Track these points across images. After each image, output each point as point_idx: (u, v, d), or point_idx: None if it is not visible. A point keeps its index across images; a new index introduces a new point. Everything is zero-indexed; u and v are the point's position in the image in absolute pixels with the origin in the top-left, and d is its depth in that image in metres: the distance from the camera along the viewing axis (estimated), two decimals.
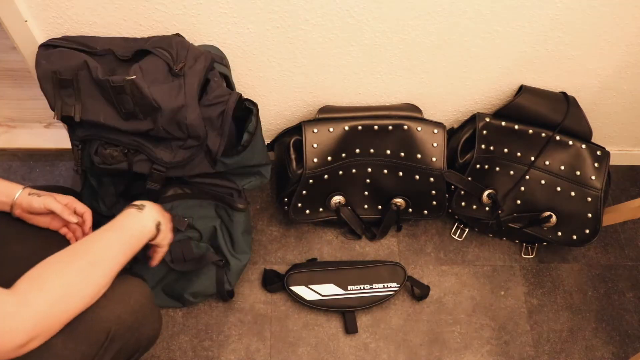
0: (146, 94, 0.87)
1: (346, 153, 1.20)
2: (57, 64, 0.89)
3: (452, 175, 1.22)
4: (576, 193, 1.24)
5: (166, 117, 0.90)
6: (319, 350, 1.21)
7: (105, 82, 0.87)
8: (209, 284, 1.16)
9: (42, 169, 1.35)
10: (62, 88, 0.89)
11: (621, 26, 1.07)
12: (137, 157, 0.96)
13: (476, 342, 1.26)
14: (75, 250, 0.74)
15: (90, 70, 0.88)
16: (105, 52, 0.92)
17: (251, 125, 1.01)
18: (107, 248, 0.76)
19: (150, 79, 0.88)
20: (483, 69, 1.16)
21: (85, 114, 0.91)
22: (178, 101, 0.90)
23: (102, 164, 0.96)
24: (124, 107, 0.90)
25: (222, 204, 1.12)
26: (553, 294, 1.34)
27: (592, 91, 1.25)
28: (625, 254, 1.42)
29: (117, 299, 0.77)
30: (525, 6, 1.00)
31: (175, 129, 0.93)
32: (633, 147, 1.51)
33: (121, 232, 0.80)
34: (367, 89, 1.20)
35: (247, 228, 1.17)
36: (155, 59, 0.90)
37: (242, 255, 1.18)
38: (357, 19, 1.00)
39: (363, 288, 1.25)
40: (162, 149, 0.96)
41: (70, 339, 0.71)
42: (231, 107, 0.95)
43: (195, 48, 0.96)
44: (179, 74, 0.90)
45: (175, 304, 1.19)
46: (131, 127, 0.92)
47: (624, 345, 1.30)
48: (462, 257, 1.36)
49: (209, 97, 0.94)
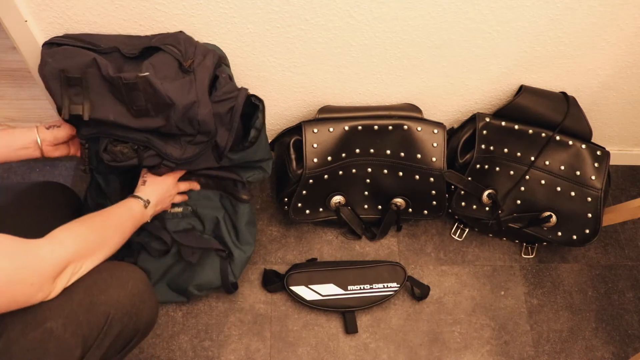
0: (160, 90, 0.86)
1: (346, 153, 1.20)
2: (64, 62, 0.87)
3: (452, 175, 1.22)
4: (576, 193, 1.24)
5: (179, 113, 0.89)
6: (319, 350, 1.21)
7: (117, 79, 0.85)
8: (213, 276, 1.16)
9: (42, 169, 1.35)
10: (70, 86, 0.88)
11: (621, 26, 1.07)
12: (147, 153, 0.95)
13: (476, 342, 1.26)
14: (95, 215, 0.88)
15: (99, 68, 0.86)
16: (111, 50, 0.91)
17: (258, 121, 1.01)
18: (118, 216, 0.91)
19: (161, 75, 0.87)
20: (483, 69, 1.16)
21: (94, 112, 0.89)
22: (190, 97, 0.89)
23: (112, 161, 0.94)
24: (135, 105, 0.88)
25: (226, 194, 1.12)
26: (553, 294, 1.34)
27: (592, 91, 1.25)
28: (625, 254, 1.42)
29: (115, 284, 0.80)
30: (525, 6, 1.00)
31: (186, 125, 0.92)
32: (633, 147, 1.51)
33: (125, 210, 0.94)
34: (367, 89, 1.20)
35: (251, 219, 1.18)
36: (165, 56, 0.89)
37: (246, 247, 1.18)
38: (357, 19, 1.00)
39: (363, 288, 1.25)
40: (172, 145, 0.95)
41: (71, 323, 0.73)
42: (240, 103, 0.94)
43: (202, 45, 0.96)
44: (189, 70, 0.90)
45: (180, 298, 1.19)
46: (142, 124, 0.91)
47: (624, 345, 1.30)
48: (462, 257, 1.36)
49: (218, 93, 0.93)
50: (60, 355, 0.71)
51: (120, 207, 0.93)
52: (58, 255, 0.73)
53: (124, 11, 0.96)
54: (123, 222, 0.91)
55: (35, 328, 0.70)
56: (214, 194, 1.13)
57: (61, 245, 0.74)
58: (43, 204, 0.99)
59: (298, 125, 1.19)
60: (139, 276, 0.84)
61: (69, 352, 0.72)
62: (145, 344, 1.17)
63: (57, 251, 0.73)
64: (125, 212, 0.93)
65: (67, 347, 0.72)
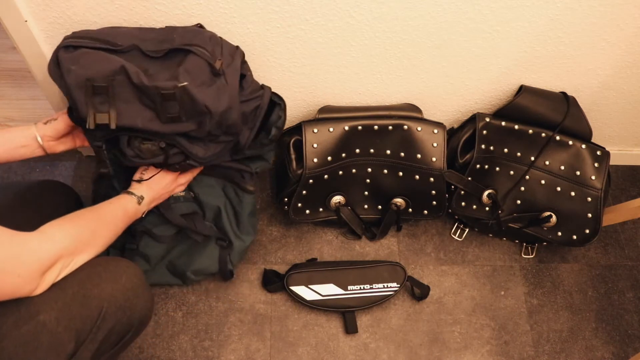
0: (198, 100, 0.83)
1: (346, 153, 1.20)
2: (89, 69, 0.81)
3: (452, 175, 1.22)
4: (576, 193, 1.24)
5: (214, 120, 0.86)
6: (319, 350, 1.21)
7: (153, 89, 0.81)
8: (210, 263, 1.17)
9: (42, 169, 1.35)
10: (95, 95, 0.83)
11: (621, 26, 1.07)
12: (172, 151, 0.92)
13: (476, 342, 1.26)
14: (87, 211, 0.88)
15: (129, 75, 0.82)
16: (130, 48, 0.86)
17: (280, 120, 1.01)
18: (111, 212, 0.91)
19: (197, 82, 0.84)
20: (483, 69, 1.16)
21: (120, 119, 0.84)
22: (224, 103, 0.86)
23: (135, 157, 0.91)
24: (168, 112, 0.84)
25: (231, 184, 1.13)
26: (553, 294, 1.34)
27: (592, 91, 1.25)
28: (625, 254, 1.42)
29: (109, 278, 0.80)
30: (525, 6, 1.00)
31: (216, 129, 0.90)
32: (633, 147, 1.51)
33: (118, 207, 0.94)
34: (367, 89, 1.20)
35: (253, 210, 1.19)
36: (197, 60, 0.85)
37: (247, 237, 1.19)
38: (357, 19, 1.00)
39: (363, 288, 1.25)
40: (197, 144, 0.93)
41: (64, 317, 0.73)
42: (266, 102, 0.94)
43: (227, 42, 0.92)
44: (220, 73, 0.86)
45: (177, 280, 1.20)
46: (171, 129, 0.87)
47: (624, 345, 1.30)
48: (462, 257, 1.36)
49: (245, 92, 0.91)
50: (53, 348, 0.71)
51: (114, 203, 0.93)
52: (47, 249, 0.73)
53: (124, 11, 0.96)
54: (115, 219, 0.91)
55: (28, 321, 0.70)
56: (217, 182, 1.13)
57: (51, 240, 0.74)
58: (43, 202, 0.99)
59: (298, 125, 1.19)
60: (133, 271, 0.84)
61: (61, 345, 0.72)
62: (145, 344, 1.17)
63: (46, 245, 0.73)
64: (118, 208, 0.93)
65: (60, 340, 0.72)
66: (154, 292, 1.22)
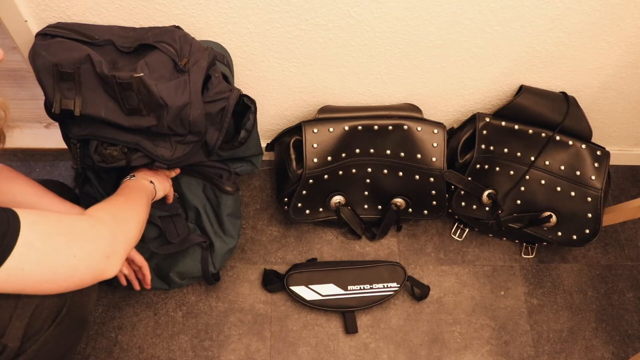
0: (154, 91, 0.86)
1: (346, 153, 1.20)
2: (58, 55, 0.85)
3: (452, 175, 1.22)
4: (576, 193, 1.24)
5: (172, 114, 0.89)
6: (319, 350, 1.21)
7: (111, 78, 0.85)
8: (193, 265, 1.16)
9: (42, 169, 1.35)
10: (62, 81, 0.86)
11: (621, 26, 1.07)
12: (135, 155, 0.95)
13: (476, 342, 1.26)
14: (123, 200, 0.90)
15: (94, 64, 0.86)
16: (105, 43, 0.90)
17: (249, 123, 1.01)
18: (140, 198, 0.92)
19: (156, 75, 0.87)
20: (483, 69, 1.16)
21: (86, 107, 0.88)
22: (183, 99, 0.89)
23: (101, 162, 0.95)
24: (127, 103, 0.88)
25: (210, 185, 1.13)
26: (553, 294, 1.34)
27: (592, 91, 1.25)
28: (625, 254, 1.42)
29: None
30: (525, 6, 1.00)
31: (178, 126, 0.92)
32: (633, 147, 1.51)
33: (140, 192, 0.95)
34: (367, 89, 1.20)
35: (234, 212, 1.17)
36: (161, 55, 0.89)
37: (228, 239, 1.18)
38: (357, 19, 1.00)
39: (363, 288, 1.25)
40: (162, 146, 0.95)
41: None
42: (232, 104, 0.95)
43: (198, 43, 0.95)
44: (184, 70, 0.90)
45: (162, 284, 1.19)
46: (133, 123, 0.90)
47: (624, 345, 1.30)
48: (462, 257, 1.36)
49: (210, 93, 0.93)
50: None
51: (129, 186, 0.95)
52: (111, 229, 0.76)
53: (124, 11, 0.96)
54: (140, 197, 0.93)
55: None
56: (197, 182, 1.13)
57: (102, 221, 0.77)
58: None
59: (298, 125, 1.19)
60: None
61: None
62: (145, 344, 1.17)
63: (108, 225, 0.76)
64: (134, 187, 0.95)
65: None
66: (154, 293, 1.22)
